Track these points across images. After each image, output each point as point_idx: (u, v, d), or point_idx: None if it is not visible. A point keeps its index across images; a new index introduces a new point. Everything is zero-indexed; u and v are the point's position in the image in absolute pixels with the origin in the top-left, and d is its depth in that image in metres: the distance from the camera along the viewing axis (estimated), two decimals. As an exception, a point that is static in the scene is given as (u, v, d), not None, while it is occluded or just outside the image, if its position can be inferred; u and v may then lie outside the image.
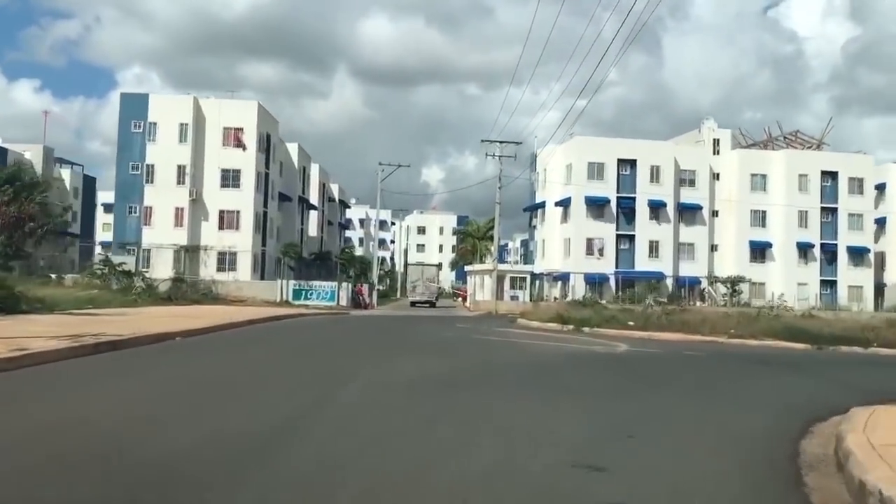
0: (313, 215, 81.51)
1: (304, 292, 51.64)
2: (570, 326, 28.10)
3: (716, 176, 64.12)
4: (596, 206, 60.29)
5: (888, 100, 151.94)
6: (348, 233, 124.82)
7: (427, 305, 62.00)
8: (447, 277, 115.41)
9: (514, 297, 56.34)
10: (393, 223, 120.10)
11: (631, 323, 27.90)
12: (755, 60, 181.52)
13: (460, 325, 27.24)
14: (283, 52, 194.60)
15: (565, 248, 61.41)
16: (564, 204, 61.28)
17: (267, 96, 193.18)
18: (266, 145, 58.41)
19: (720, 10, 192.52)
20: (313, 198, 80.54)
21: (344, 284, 52.16)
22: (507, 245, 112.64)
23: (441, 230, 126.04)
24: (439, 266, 67.74)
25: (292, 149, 70.44)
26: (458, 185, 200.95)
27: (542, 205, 64.52)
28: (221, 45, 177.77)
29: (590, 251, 60.07)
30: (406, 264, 68.51)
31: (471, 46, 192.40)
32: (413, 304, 62.46)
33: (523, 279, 57.72)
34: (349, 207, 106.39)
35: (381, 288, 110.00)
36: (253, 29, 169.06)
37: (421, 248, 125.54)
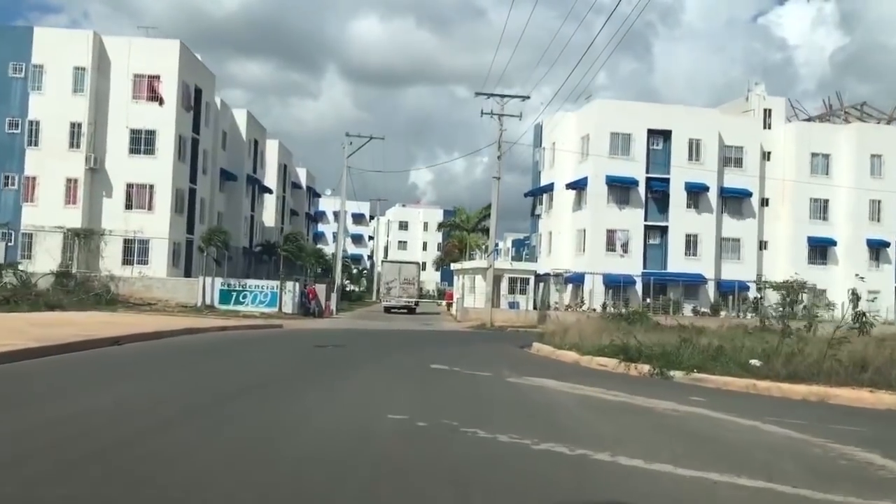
0: (269, 201, 68.03)
1: (235, 294, 38.46)
2: (645, 367, 15.15)
3: (766, 155, 51.25)
4: (620, 189, 47.25)
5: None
6: (321, 227, 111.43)
7: (404, 312, 49.21)
8: (431, 278, 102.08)
9: (512, 305, 43.38)
10: (372, 217, 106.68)
11: (755, 363, 14.89)
12: (745, 68, 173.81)
13: (437, 365, 14.04)
14: (273, 51, 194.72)
15: (579, 242, 48.32)
16: (579, 186, 48.20)
17: (256, 95, 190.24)
18: (194, 102, 44.96)
19: (710, 18, 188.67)
20: (269, 180, 67.10)
21: (289, 285, 38.89)
22: (497, 246, 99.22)
23: (426, 226, 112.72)
24: (421, 265, 54.46)
25: (239, 116, 57.04)
26: (447, 185, 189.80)
27: (549, 188, 51.38)
28: (211, 43, 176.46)
29: (611, 246, 46.98)
30: (382, 261, 55.41)
31: (461, 48, 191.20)
32: (388, 309, 49.58)
33: (525, 281, 44.66)
34: (319, 196, 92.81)
35: (355, 289, 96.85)
36: (242, 27, 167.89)
37: (403, 245, 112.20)
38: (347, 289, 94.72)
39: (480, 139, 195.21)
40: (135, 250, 40.54)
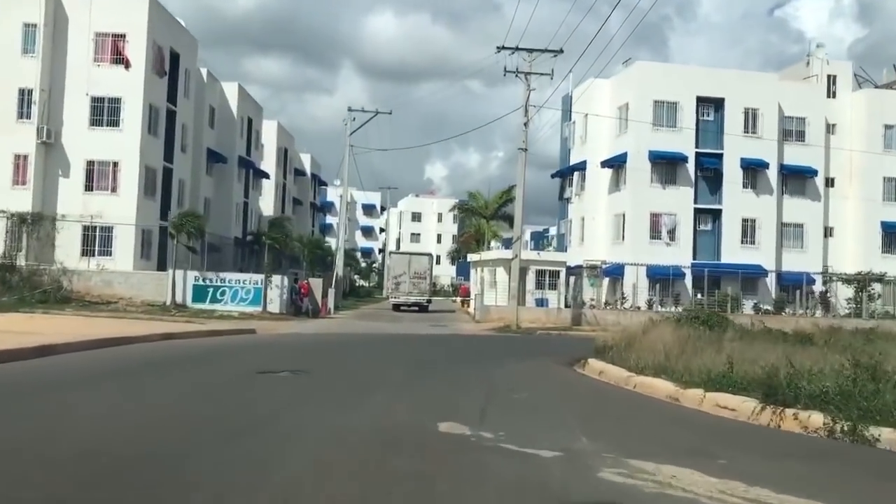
0: (268, 188, 61.78)
1: (211, 290, 32.39)
2: (813, 417, 8.41)
3: (830, 128, 44.36)
4: (665, 166, 40.58)
5: None
6: (329, 218, 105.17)
7: (415, 309, 42.97)
8: (446, 272, 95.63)
9: (540, 302, 36.88)
10: (383, 208, 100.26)
11: None
12: (761, 60, 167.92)
13: (449, 426, 7.52)
14: (289, 48, 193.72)
15: (617, 228, 41.72)
16: (616, 163, 41.57)
17: (272, 91, 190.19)
18: (169, 67, 38.69)
19: (726, 11, 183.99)
20: (267, 164, 60.83)
21: (276, 279, 32.67)
22: (512, 241, 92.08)
23: (440, 217, 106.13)
24: (434, 257, 48.01)
25: (230, 90, 50.70)
26: (462, 180, 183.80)
27: (581, 166, 44.71)
28: (227, 40, 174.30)
29: (655, 233, 40.33)
30: (389, 253, 48.81)
31: (475, 43, 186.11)
32: (396, 307, 43.36)
33: (554, 275, 38.18)
34: (326, 185, 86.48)
35: (364, 285, 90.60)
36: (258, 24, 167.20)
37: (416, 237, 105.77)
38: (356, 284, 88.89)
39: (495, 134, 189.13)
40: (96, 239, 34.32)
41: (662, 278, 38.75)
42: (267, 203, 61.55)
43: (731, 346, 12.83)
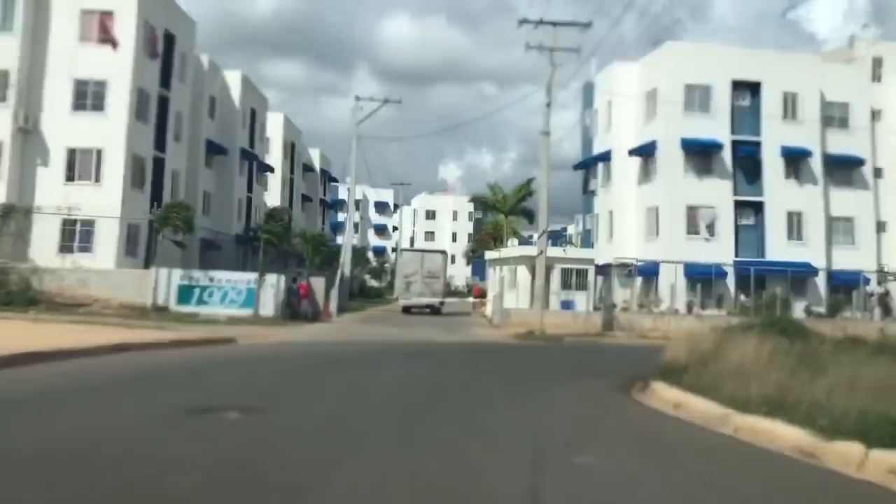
0: (274, 184, 58.83)
1: (198, 291, 29.38)
2: None
3: (875, 115, 40.70)
4: (699, 155, 37.14)
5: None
6: (340, 216, 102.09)
7: (427, 312, 39.82)
8: (461, 273, 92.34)
9: (566, 304, 33.59)
10: (396, 207, 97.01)
11: None
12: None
13: None
14: (305, 51, 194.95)
15: (649, 222, 38.31)
16: (645, 152, 38.17)
17: (288, 94, 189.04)
18: (164, 50, 35.70)
19: (740, 12, 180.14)
20: (273, 159, 57.89)
21: (270, 279, 29.60)
22: (531, 239, 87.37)
23: (455, 215, 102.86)
24: (447, 255, 44.80)
25: (232, 79, 47.71)
26: (475, 181, 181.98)
27: (605, 156, 41.30)
28: (244, 43, 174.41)
29: (693, 227, 36.88)
30: (400, 250, 45.37)
31: (491, 45, 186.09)
32: (407, 309, 40.18)
33: (582, 274, 34.91)
34: (336, 182, 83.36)
35: (376, 285, 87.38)
36: (275, 27, 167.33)
37: (430, 235, 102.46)
38: (368, 285, 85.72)
39: (509, 138, 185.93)
40: (76, 234, 31.34)
41: (702, 278, 35.27)
42: (273, 199, 58.53)
43: (843, 365, 9.48)
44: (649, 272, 35.83)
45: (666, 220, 36.76)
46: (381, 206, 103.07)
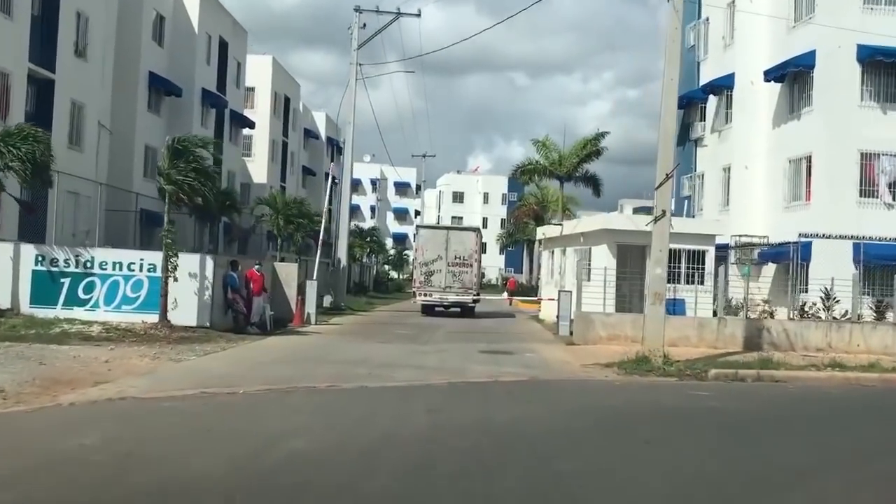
0: (259, 145, 46.41)
1: (69, 282, 16.43)
2: None
3: None
4: (889, 72, 23.70)
5: None
6: (355, 198, 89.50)
7: (457, 311, 29.39)
8: (493, 264, 79.38)
9: (672, 305, 20.27)
10: (419, 187, 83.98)
11: None
12: None
13: None
14: (333, 41, 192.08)
15: (792, 180, 25.10)
16: (794, 68, 24.79)
17: (318, 86, 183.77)
18: None
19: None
20: (258, 114, 45.46)
21: (188, 262, 16.80)
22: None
23: (486, 197, 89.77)
24: (481, 233, 31.78)
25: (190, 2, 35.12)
26: (507, 165, 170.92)
27: (723, 85, 27.85)
28: (272, 34, 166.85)
29: (869, 187, 23.53)
30: (416, 227, 32.48)
31: (521, 35, 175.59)
32: (428, 309, 29.04)
33: (696, 258, 22.08)
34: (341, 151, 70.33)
35: (395, 277, 74.82)
36: (303, 18, 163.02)
37: (457, 220, 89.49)
38: (388, 276, 73.15)
39: (538, 126, 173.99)
40: None
41: (883, 262, 22.00)
42: (258, 167, 46.16)
43: None
44: (785, 255, 22.78)
45: (823, 174, 23.53)
46: (402, 187, 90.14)
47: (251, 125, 42.61)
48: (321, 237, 23.95)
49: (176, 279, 16.28)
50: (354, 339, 18.50)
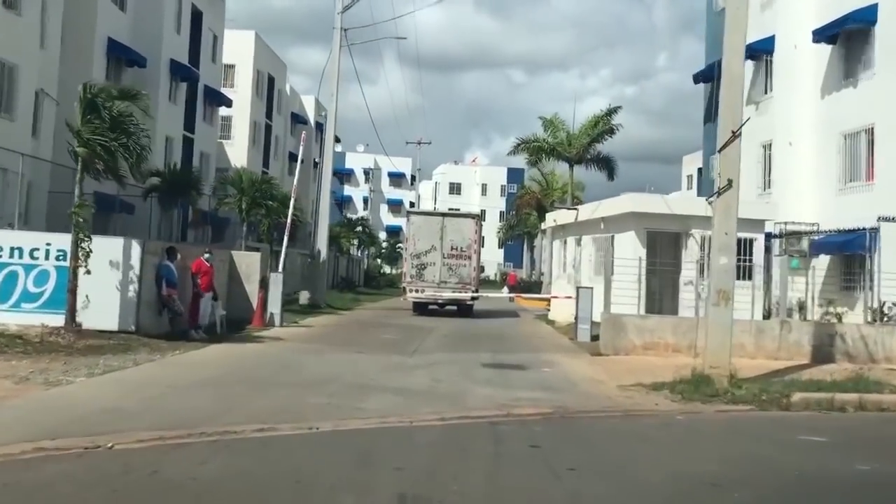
0: (239, 126, 42.74)
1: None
2: None
3: None
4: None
5: None
6: (347, 189, 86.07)
7: (452, 311, 25.98)
8: (492, 259, 75.77)
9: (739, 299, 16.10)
10: (414, 177, 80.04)
11: None
12: None
13: None
14: (331, 37, 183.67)
15: (847, 157, 21.42)
16: (848, 24, 21.07)
17: (315, 82, 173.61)
18: None
19: None
20: (238, 93, 41.80)
21: (105, 247, 12.94)
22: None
23: (484, 189, 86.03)
24: (481, 220, 27.96)
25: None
26: (504, 158, 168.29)
27: (764, 47, 24.06)
28: (271, 29, 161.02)
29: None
30: (407, 213, 28.72)
31: (520, 32, 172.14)
32: (420, 307, 25.91)
33: (743, 247, 18.42)
34: (336, 141, 66.51)
35: (386, 271, 71.09)
36: (301, 14, 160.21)
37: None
38: (380, 271, 69.46)
39: (537, 124, 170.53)
40: None
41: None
42: (238, 150, 42.45)
43: None
44: (847, 245, 19.19)
45: (890, 149, 19.84)
46: (396, 177, 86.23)
47: (228, 103, 38.85)
48: (289, 221, 20.18)
49: (88, 270, 12.61)
50: (324, 347, 14.85)
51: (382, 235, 77.68)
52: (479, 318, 25.12)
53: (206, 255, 16.20)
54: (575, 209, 22.53)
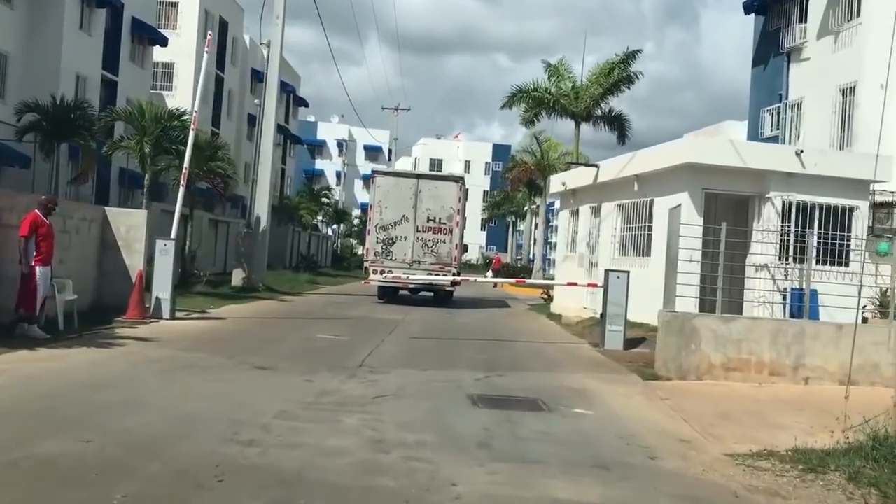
0: (183, 74, 36.51)
1: None
2: None
3: None
4: None
5: None
6: (319, 163, 79.93)
7: (427, 296, 21.39)
8: (474, 240, 69.86)
9: (798, 302, 10.18)
10: (391, 151, 73.70)
11: None
12: None
13: None
14: (315, 18, 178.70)
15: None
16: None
17: (299, 61, 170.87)
18: None
19: None
20: (183, 37, 35.61)
21: None
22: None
23: (467, 165, 79.93)
24: (464, 184, 21.82)
25: None
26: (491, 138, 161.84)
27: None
28: (250, 7, 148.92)
29: None
30: (372, 172, 22.93)
31: (505, 15, 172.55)
32: (386, 292, 20.48)
33: (839, 218, 12.17)
34: (305, 105, 60.27)
35: (359, 252, 65.10)
36: None
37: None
38: (352, 251, 63.55)
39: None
40: None
41: None
42: (181, 103, 35.88)
43: None
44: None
45: None
46: (373, 150, 79.95)
47: (163, 41, 32.56)
48: (184, 172, 14.19)
49: None
50: (211, 357, 8.95)
51: (356, 213, 71.66)
52: (461, 308, 19.42)
53: (45, 207, 10.24)
54: (595, 165, 16.72)
